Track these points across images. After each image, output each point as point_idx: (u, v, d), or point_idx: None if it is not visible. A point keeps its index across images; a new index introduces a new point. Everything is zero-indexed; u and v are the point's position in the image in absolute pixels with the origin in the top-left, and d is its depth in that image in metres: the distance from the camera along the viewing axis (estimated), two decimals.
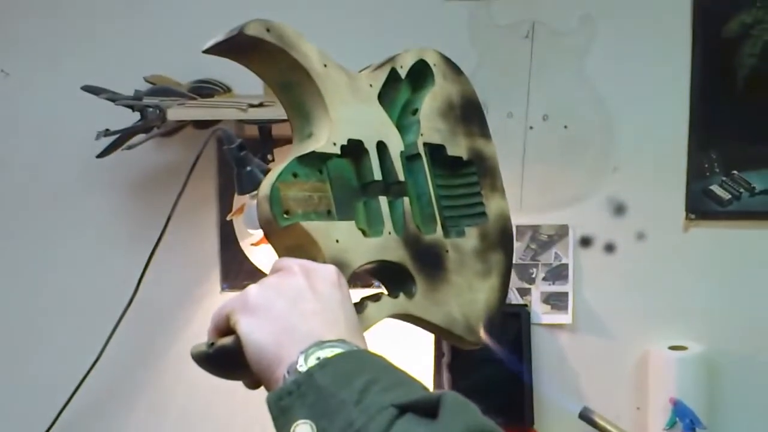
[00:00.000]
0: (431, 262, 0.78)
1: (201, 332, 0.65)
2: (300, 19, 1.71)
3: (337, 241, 0.69)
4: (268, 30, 0.70)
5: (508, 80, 1.73)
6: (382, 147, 0.77)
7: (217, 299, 1.75)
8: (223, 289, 1.75)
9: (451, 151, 0.86)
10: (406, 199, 0.78)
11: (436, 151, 0.84)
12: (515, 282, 1.77)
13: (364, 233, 0.73)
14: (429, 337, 1.73)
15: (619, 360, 1.77)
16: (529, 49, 1.72)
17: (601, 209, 1.75)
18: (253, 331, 0.59)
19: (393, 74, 0.82)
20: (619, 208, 1.75)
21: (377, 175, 0.75)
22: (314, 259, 0.67)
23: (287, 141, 1.60)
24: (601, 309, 1.77)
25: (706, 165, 1.72)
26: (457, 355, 1.75)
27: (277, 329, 0.59)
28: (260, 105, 1.46)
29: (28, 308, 1.73)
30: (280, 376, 0.56)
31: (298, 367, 0.55)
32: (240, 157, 1.38)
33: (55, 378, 1.66)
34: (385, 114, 0.79)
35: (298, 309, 0.60)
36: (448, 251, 0.81)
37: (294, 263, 0.64)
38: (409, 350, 1.71)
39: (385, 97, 0.82)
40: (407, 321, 0.77)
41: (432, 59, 0.87)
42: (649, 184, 1.73)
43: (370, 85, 0.78)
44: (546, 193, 1.76)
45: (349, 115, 0.74)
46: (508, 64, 1.73)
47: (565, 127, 1.73)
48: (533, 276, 1.78)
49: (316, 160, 0.71)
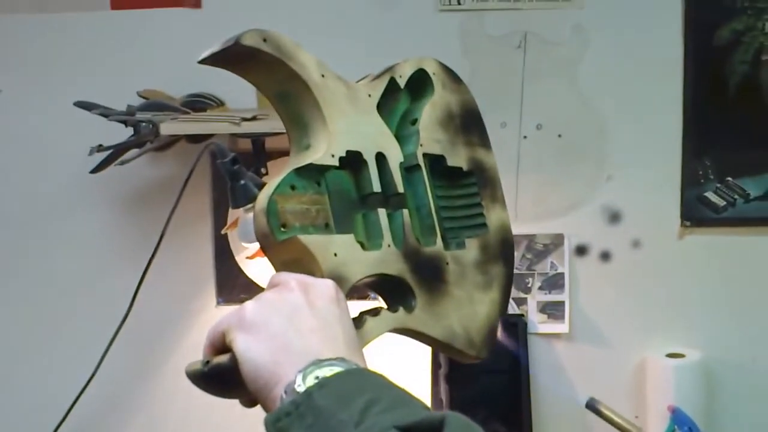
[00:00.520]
0: (431, 274, 0.77)
1: (197, 346, 0.64)
2: (291, 29, 1.72)
3: (336, 255, 0.68)
4: (264, 40, 0.69)
5: (501, 90, 1.73)
6: (381, 158, 0.76)
7: (212, 313, 1.75)
8: (218, 303, 1.74)
9: (451, 162, 0.85)
10: (406, 211, 0.77)
11: (435, 162, 0.84)
12: (513, 292, 1.76)
13: (363, 246, 0.73)
14: (426, 348, 1.72)
15: (616, 368, 1.76)
16: (522, 60, 1.72)
17: (596, 218, 1.75)
18: (250, 349, 0.58)
19: (392, 84, 0.81)
20: (614, 216, 1.75)
21: (376, 187, 0.75)
22: (312, 274, 0.66)
23: (281, 154, 1.60)
24: (597, 317, 1.77)
25: (701, 172, 1.72)
26: (455, 367, 1.74)
27: (274, 347, 0.58)
28: (253, 119, 1.46)
29: (23, 324, 1.72)
30: (278, 396, 0.55)
31: (296, 387, 0.54)
32: (233, 171, 1.37)
33: (52, 394, 1.65)
34: (384, 125, 0.78)
35: (295, 326, 0.59)
36: (448, 263, 0.80)
37: (291, 278, 0.63)
38: (406, 362, 1.70)
39: (384, 107, 0.81)
40: (407, 335, 0.76)
41: (432, 68, 0.87)
42: (644, 191, 1.73)
43: (369, 96, 0.78)
44: (541, 202, 1.75)
45: (348, 126, 0.73)
46: (501, 74, 1.73)
47: (559, 136, 1.73)
48: (529, 285, 1.77)
49: (314, 172, 0.70)
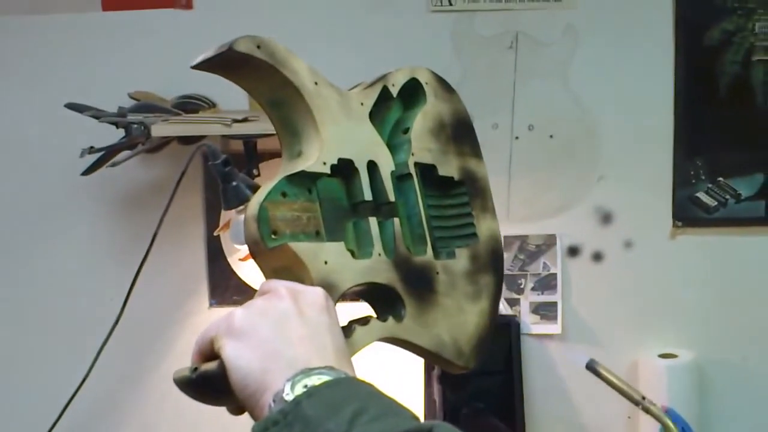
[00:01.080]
0: (421, 284, 0.77)
1: (190, 348, 0.64)
2: (281, 31, 1.72)
3: (326, 263, 0.68)
4: (258, 46, 0.69)
5: (492, 91, 1.73)
6: (372, 167, 0.76)
7: (205, 315, 1.74)
8: (211, 304, 1.73)
9: (443, 171, 0.85)
10: (396, 220, 0.77)
11: (426, 171, 0.84)
12: (504, 293, 1.77)
13: (353, 254, 0.72)
14: None
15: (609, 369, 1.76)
16: (513, 60, 1.72)
17: (588, 218, 1.75)
18: (239, 357, 0.58)
19: (384, 93, 0.81)
20: (606, 217, 1.75)
21: (367, 195, 0.75)
22: (302, 281, 0.66)
23: (272, 155, 1.60)
24: (590, 318, 1.77)
25: (692, 172, 1.72)
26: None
27: (263, 355, 0.58)
28: (245, 120, 1.45)
29: (13, 327, 1.72)
30: (266, 404, 0.55)
31: (284, 395, 0.54)
32: (225, 173, 1.37)
33: (43, 397, 1.64)
34: (376, 133, 0.78)
35: (284, 334, 0.59)
36: (438, 273, 0.80)
37: (281, 286, 0.63)
38: (399, 363, 1.70)
39: (377, 115, 0.81)
40: (395, 344, 0.75)
41: (424, 77, 0.87)
42: (636, 192, 1.73)
43: (362, 104, 0.78)
44: (533, 203, 1.75)
45: (340, 134, 0.73)
46: (492, 74, 1.73)
47: (551, 136, 1.73)
48: (522, 286, 1.78)
49: (305, 180, 0.70)
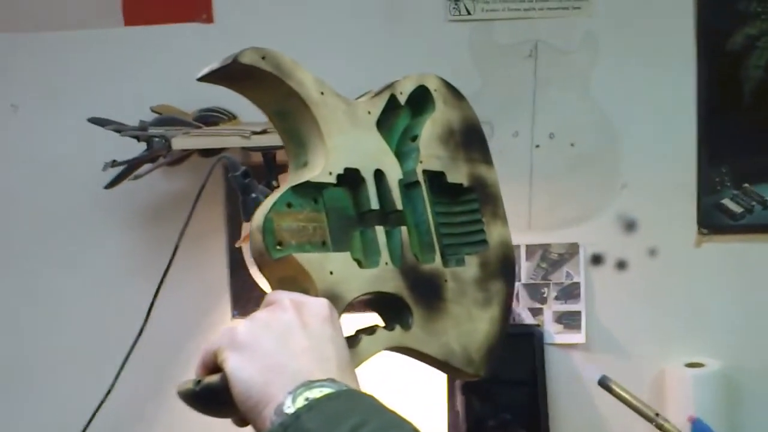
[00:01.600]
0: (429, 292, 0.77)
1: None
2: (300, 42, 1.73)
3: (331, 273, 0.68)
4: (263, 58, 0.70)
5: (512, 100, 1.72)
6: (379, 175, 0.76)
7: (228, 326, 1.75)
8: (233, 315, 1.74)
9: (452, 178, 0.85)
10: (404, 229, 0.77)
11: (435, 179, 0.84)
12: (527, 302, 1.76)
13: (360, 264, 0.73)
14: None
15: (634, 379, 1.73)
16: (533, 68, 1.72)
17: (612, 226, 1.73)
18: (241, 369, 0.58)
19: (392, 101, 0.81)
20: (630, 225, 1.73)
21: (374, 204, 0.75)
22: (307, 292, 0.66)
23: None
24: (614, 327, 1.75)
25: (717, 179, 1.70)
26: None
27: (265, 367, 0.58)
28: (264, 132, 1.46)
29: (37, 341, 1.74)
30: (268, 417, 0.55)
31: (285, 408, 0.54)
32: (245, 184, 1.38)
33: (68, 410, 1.65)
34: (384, 142, 0.78)
35: (287, 346, 0.59)
36: (447, 281, 0.80)
37: (285, 297, 0.63)
38: (421, 372, 1.69)
39: (385, 123, 0.81)
40: (403, 354, 0.75)
41: (433, 85, 0.87)
42: (660, 199, 1.71)
43: (369, 113, 0.78)
44: (555, 211, 1.74)
45: (346, 143, 0.73)
46: (512, 83, 1.72)
47: (572, 144, 1.72)
48: (545, 295, 1.76)
49: (311, 190, 0.70)
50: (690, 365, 1.68)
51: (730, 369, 1.69)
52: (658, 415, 1.34)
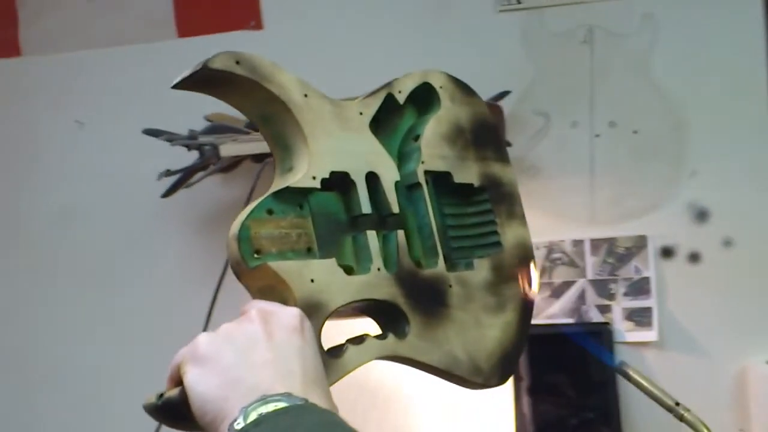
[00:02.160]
0: (429, 298, 0.73)
1: None
2: (350, 40, 1.71)
3: (312, 281, 0.66)
4: (237, 62, 0.68)
5: (569, 89, 1.66)
6: (372, 178, 0.73)
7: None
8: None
9: (459, 178, 0.81)
10: (401, 233, 0.74)
11: (441, 179, 0.80)
12: (594, 299, 1.68)
13: (351, 270, 0.70)
14: None
15: (714, 378, 1.64)
16: (589, 55, 1.64)
17: (682, 216, 1.64)
18: (199, 384, 0.57)
19: (389, 100, 0.78)
20: (702, 215, 1.63)
21: (365, 208, 0.72)
22: (286, 301, 0.64)
23: None
24: (689, 323, 1.66)
25: None
26: (538, 379, 1.68)
27: (223, 382, 0.56)
28: None
29: (98, 349, 1.79)
30: None
31: (235, 425, 0.53)
32: None
33: (131, 419, 1.69)
34: (378, 143, 0.75)
35: (248, 359, 0.57)
36: (451, 286, 0.76)
37: (254, 308, 0.62)
38: None
39: (385, 124, 0.78)
40: (400, 363, 0.72)
41: (438, 82, 0.83)
42: (733, 186, 1.61)
43: (360, 113, 0.75)
44: (619, 203, 1.66)
45: (333, 147, 0.71)
46: (567, 72, 1.66)
47: (635, 132, 1.64)
48: (613, 292, 1.68)
49: (295, 195, 0.68)
50: None
51: None
52: (678, 404, 1.26)
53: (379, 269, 0.71)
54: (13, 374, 1.82)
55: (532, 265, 0.85)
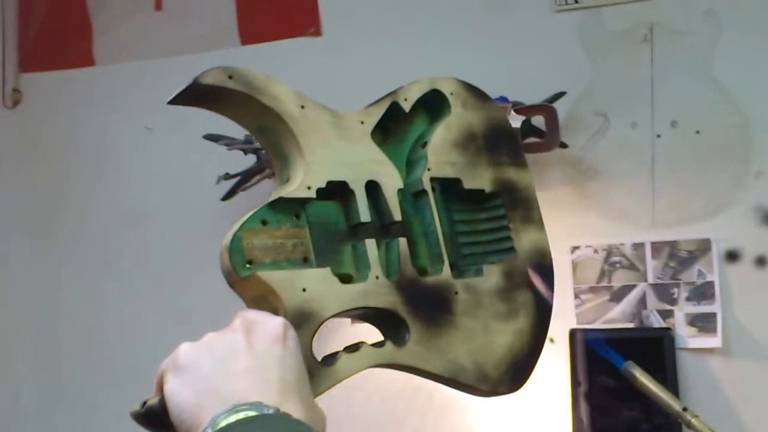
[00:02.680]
0: (432, 306, 0.73)
1: None
2: (408, 43, 1.72)
3: (304, 290, 0.66)
4: (230, 77, 0.70)
5: (628, 88, 1.62)
6: (373, 187, 0.74)
7: (348, 330, 1.78)
8: (353, 321, 1.77)
9: (470, 184, 0.81)
10: (403, 240, 0.74)
11: (451, 186, 0.80)
12: (655, 303, 1.64)
13: (350, 278, 0.71)
14: (564, 364, 1.65)
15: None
16: (650, 53, 1.60)
17: (747, 219, 1.58)
18: (176, 393, 0.58)
19: (394, 108, 0.78)
20: None
21: (364, 217, 0.72)
22: (276, 310, 0.65)
23: None
24: (756, 329, 1.59)
25: None
26: (596, 384, 1.65)
27: (199, 391, 0.57)
28: None
29: (164, 345, 1.85)
30: None
31: None
32: None
33: None
34: (379, 151, 0.75)
35: (226, 369, 0.58)
36: (457, 293, 0.76)
37: (238, 318, 0.63)
38: (542, 378, 1.63)
39: (393, 132, 0.79)
40: (401, 370, 0.72)
41: (449, 88, 0.82)
42: None
43: (362, 123, 0.75)
44: (681, 205, 1.61)
45: (330, 156, 0.72)
46: (627, 71, 1.62)
47: (697, 132, 1.59)
48: (675, 296, 1.63)
49: (291, 205, 0.69)
50: None
51: None
52: (686, 409, 1.21)
53: (377, 277, 0.71)
54: (83, 368, 1.91)
55: (551, 271, 0.84)
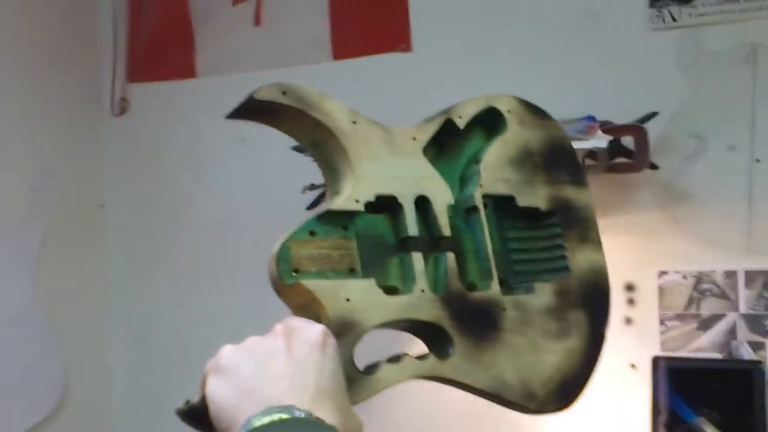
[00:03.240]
0: (478, 321, 0.73)
1: None
2: (499, 59, 1.71)
3: (348, 300, 0.68)
4: (284, 93, 0.72)
5: (727, 110, 1.56)
6: (423, 202, 0.75)
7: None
8: None
9: (524, 202, 0.80)
10: (451, 255, 0.74)
11: (505, 203, 0.79)
12: (746, 335, 1.57)
13: (396, 290, 0.71)
14: (644, 392, 1.60)
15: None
16: (752, 75, 1.54)
17: None
18: (216, 392, 0.60)
19: (448, 125, 0.79)
20: None
21: (412, 231, 0.73)
22: (318, 318, 0.67)
23: None
24: None
25: None
26: (677, 415, 1.59)
27: (238, 392, 0.59)
28: None
29: None
30: None
31: None
32: None
33: None
34: (430, 167, 0.76)
35: (265, 372, 0.60)
36: (505, 309, 0.75)
37: (282, 324, 0.65)
38: (622, 404, 1.60)
39: (448, 149, 0.79)
40: (445, 383, 0.72)
41: (506, 106, 0.82)
42: None
43: (414, 138, 0.76)
44: None
45: (380, 171, 0.73)
46: (726, 92, 1.56)
47: None
48: None
49: (339, 217, 0.71)
50: None
51: None
52: None
53: (423, 291, 0.71)
54: (173, 369, 1.99)
55: (606, 292, 0.82)
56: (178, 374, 2.00)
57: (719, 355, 1.58)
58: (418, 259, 0.73)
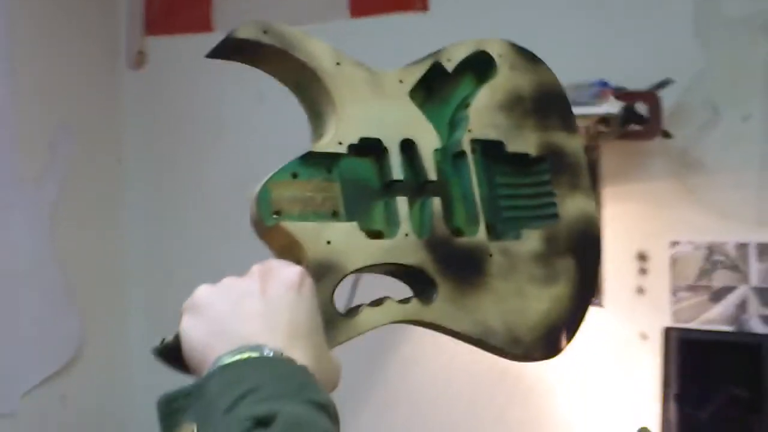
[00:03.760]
0: (463, 266, 0.73)
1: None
2: (515, 22, 1.70)
3: (329, 243, 0.67)
4: (265, 32, 0.71)
5: (742, 78, 1.54)
6: (408, 145, 0.74)
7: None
8: None
9: (513, 147, 0.79)
10: (437, 200, 0.73)
11: (493, 148, 0.78)
12: (757, 308, 1.55)
13: (380, 234, 0.71)
14: (655, 364, 1.59)
15: None
16: None
17: None
18: (189, 330, 0.61)
19: (436, 68, 0.78)
20: None
21: (397, 175, 0.72)
22: (299, 261, 0.66)
23: None
24: None
25: None
26: (688, 386, 1.58)
27: (211, 330, 0.59)
28: None
29: None
30: None
31: (209, 370, 0.56)
32: None
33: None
34: (417, 110, 0.75)
35: (239, 311, 0.60)
36: (492, 255, 0.74)
37: (258, 265, 0.64)
38: (632, 373, 1.59)
39: (437, 92, 0.78)
40: (427, 328, 0.71)
41: (497, 50, 0.81)
42: None
43: (400, 81, 0.75)
44: None
45: (365, 113, 0.72)
46: (742, 60, 1.54)
47: None
48: None
49: (322, 160, 0.71)
50: None
51: None
52: None
53: (407, 234, 0.71)
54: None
55: (597, 240, 0.81)
56: None
57: (730, 328, 1.56)
58: (403, 203, 0.72)
